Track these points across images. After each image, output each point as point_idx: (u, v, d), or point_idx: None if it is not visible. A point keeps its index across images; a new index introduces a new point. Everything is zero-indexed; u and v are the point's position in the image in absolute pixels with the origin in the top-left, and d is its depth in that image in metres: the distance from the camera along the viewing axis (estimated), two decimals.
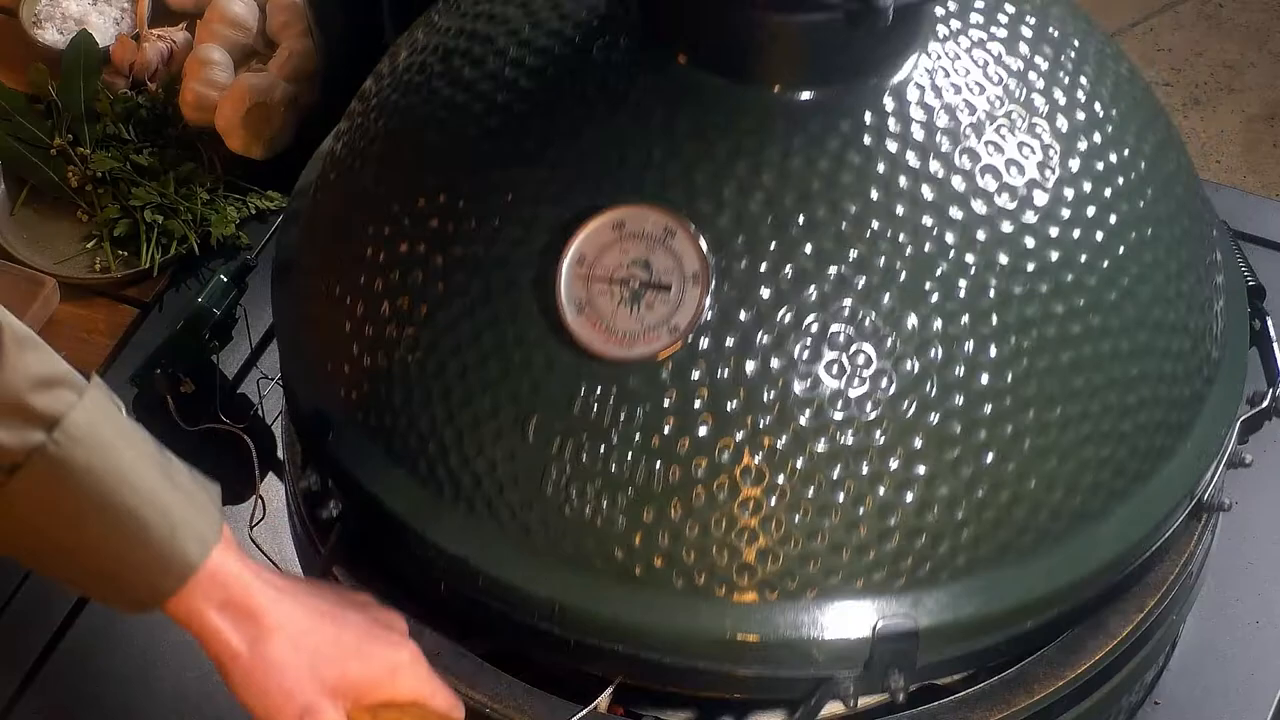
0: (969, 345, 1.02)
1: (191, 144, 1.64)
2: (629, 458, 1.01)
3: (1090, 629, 1.15)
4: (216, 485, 0.98)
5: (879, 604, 1.02)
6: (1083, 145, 1.07)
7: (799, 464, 1.01)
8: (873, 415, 1.01)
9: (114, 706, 1.33)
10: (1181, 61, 2.88)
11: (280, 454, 1.33)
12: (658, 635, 1.03)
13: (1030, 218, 1.04)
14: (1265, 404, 1.21)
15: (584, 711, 1.11)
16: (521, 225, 1.05)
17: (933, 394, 1.01)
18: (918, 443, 1.01)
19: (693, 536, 1.02)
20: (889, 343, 1.01)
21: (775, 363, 1.00)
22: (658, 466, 1.01)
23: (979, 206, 1.03)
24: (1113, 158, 1.08)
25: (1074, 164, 1.07)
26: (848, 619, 1.02)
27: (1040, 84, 1.08)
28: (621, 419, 1.01)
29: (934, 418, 1.01)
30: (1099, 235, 1.06)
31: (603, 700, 1.11)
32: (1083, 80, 1.10)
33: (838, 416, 1.01)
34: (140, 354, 1.47)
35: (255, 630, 0.96)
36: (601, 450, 1.02)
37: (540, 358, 1.03)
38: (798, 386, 1.00)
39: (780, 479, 1.01)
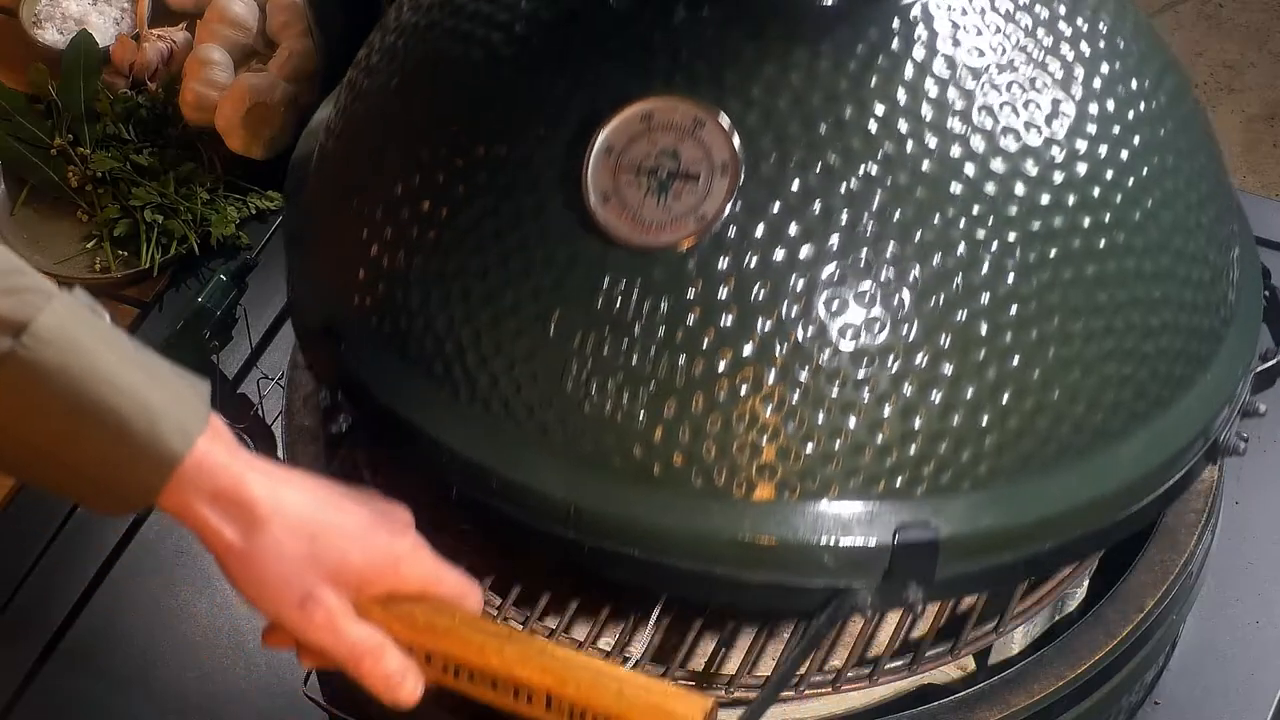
0: (995, 247, 1.01)
1: (191, 144, 1.64)
2: (652, 351, 1.00)
3: (1090, 629, 1.16)
4: (206, 382, 0.96)
5: (899, 510, 1.01)
6: (1106, 70, 1.08)
7: (824, 359, 1.00)
8: (900, 312, 1.00)
9: (114, 706, 1.33)
10: (1181, 61, 2.88)
11: (280, 454, 1.33)
12: (675, 537, 1.01)
13: (1057, 131, 1.04)
14: (1275, 361, 1.20)
15: None
16: (547, 122, 1.04)
17: (959, 293, 1.00)
18: (944, 340, 1.00)
19: (714, 432, 1.00)
20: (917, 238, 1.00)
21: (804, 253, 0.99)
22: (681, 360, 1.00)
23: (1006, 116, 1.03)
24: (1134, 85, 1.09)
25: (1098, 84, 1.07)
26: (868, 524, 1.01)
27: (1064, 10, 1.09)
28: (645, 311, 1.00)
29: (960, 316, 1.00)
30: (1123, 154, 1.06)
31: None
32: (1104, 15, 1.11)
33: (865, 312, 1.00)
34: None
35: (249, 520, 0.93)
36: (624, 344, 1.01)
37: (564, 251, 1.02)
38: (825, 280, 1.00)
39: (804, 374, 1.00)
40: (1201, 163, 1.13)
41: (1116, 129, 1.06)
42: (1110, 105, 1.07)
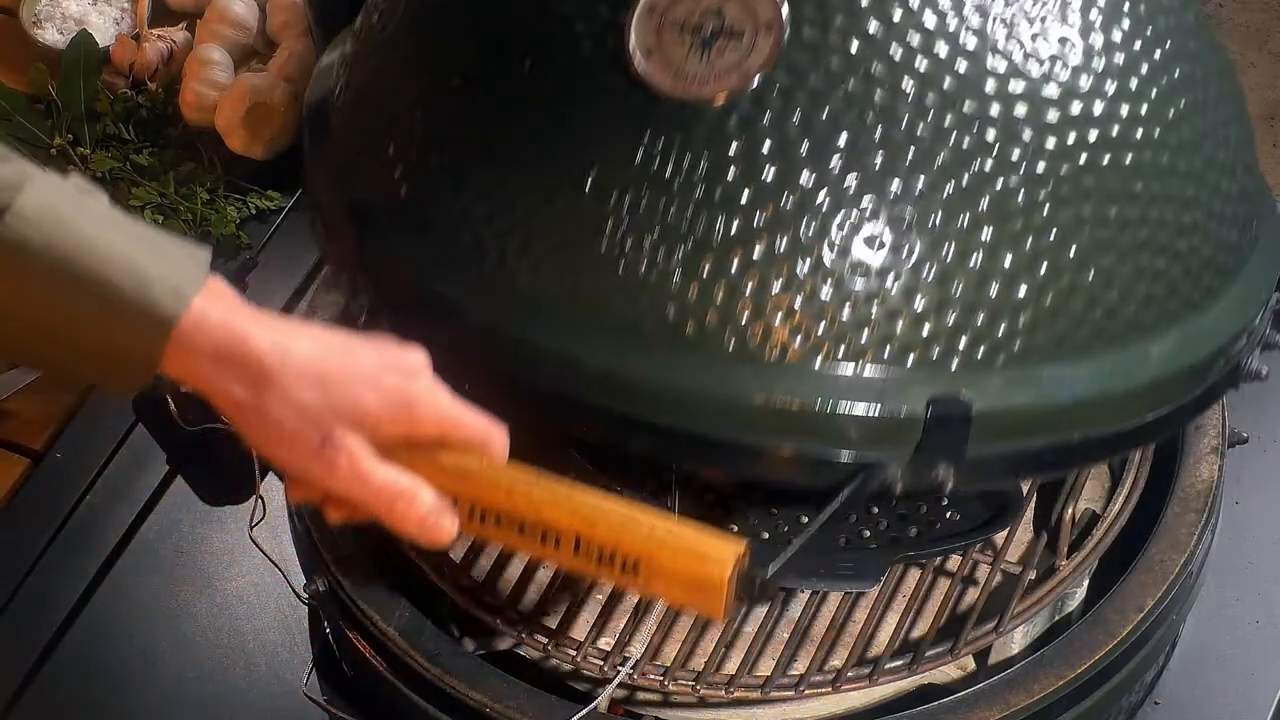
0: (1034, 125, 1.01)
1: (191, 144, 1.64)
2: (690, 208, 1.00)
3: (1090, 629, 1.16)
4: (207, 248, 0.94)
5: (933, 381, 1.00)
6: None
7: (863, 220, 0.99)
8: (941, 176, 0.99)
9: (114, 706, 1.33)
10: None
11: None
12: (706, 401, 1.00)
13: (1095, 20, 1.04)
14: None
15: (584, 711, 1.11)
16: None
17: (999, 164, 1.00)
18: (983, 205, 1.00)
19: (749, 291, 0.99)
20: (960, 108, 1.00)
21: (846, 114, 0.99)
22: (719, 217, 0.99)
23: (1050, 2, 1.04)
24: (1164, 1, 1.10)
25: None
26: (900, 393, 1.00)
27: None
28: (685, 167, 1.00)
29: (999, 185, 1.00)
30: (1158, 54, 1.06)
31: (603, 700, 1.12)
32: None
33: (906, 174, 0.99)
34: None
35: (256, 374, 0.91)
36: (662, 201, 1.00)
37: (604, 107, 1.01)
38: (866, 143, 0.99)
39: (842, 235, 0.99)
40: (1229, 86, 1.14)
41: (1150, 30, 1.06)
42: (1143, 9, 1.07)
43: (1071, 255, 1.02)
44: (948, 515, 1.19)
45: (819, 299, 0.99)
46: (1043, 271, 1.01)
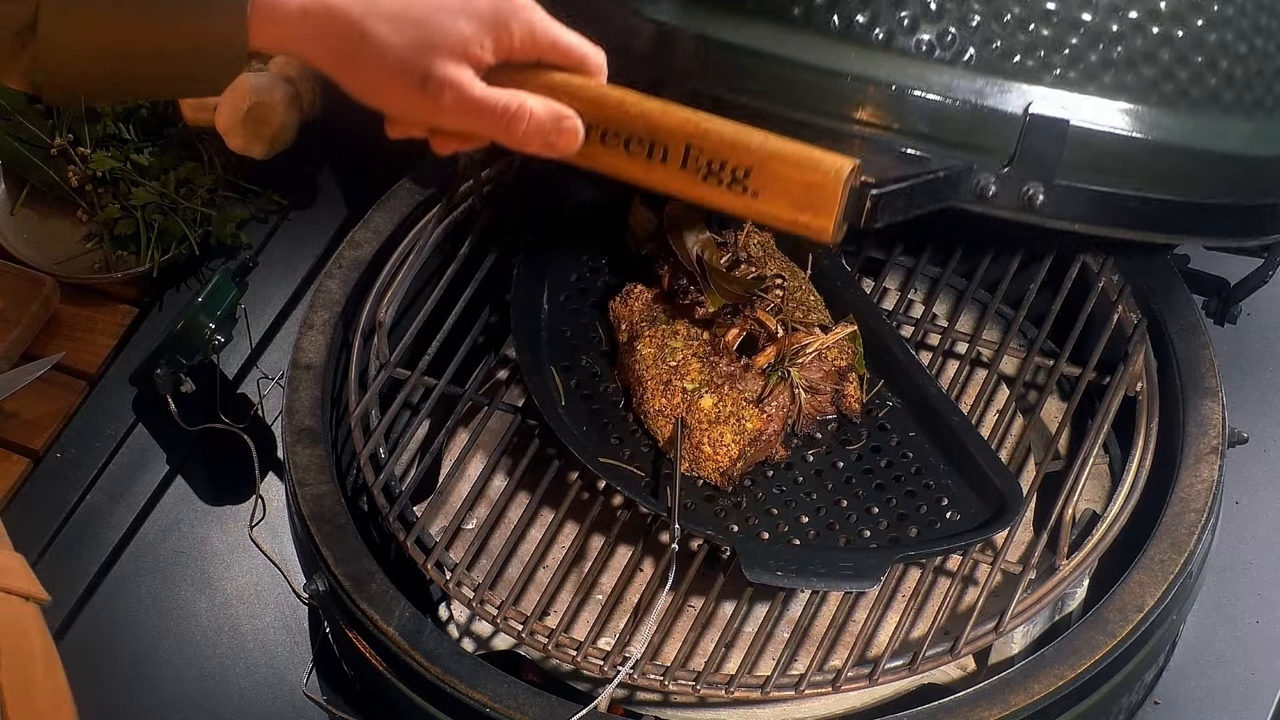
0: None
1: (191, 144, 1.63)
2: None
3: (1090, 629, 1.16)
4: None
5: (1032, 91, 1.03)
6: None
7: None
8: None
9: (114, 706, 1.33)
10: None
11: (280, 454, 1.33)
12: (806, 80, 1.00)
13: None
14: None
15: (584, 711, 1.11)
16: None
17: None
18: None
19: None
20: None
21: None
22: None
23: None
24: None
25: None
26: (1001, 95, 1.02)
27: None
28: None
29: None
30: None
31: (603, 700, 1.12)
32: None
33: None
34: (140, 354, 1.47)
35: (346, 27, 0.91)
36: None
37: None
38: None
39: None
40: None
41: None
42: None
43: (1164, 8, 1.05)
44: (948, 515, 1.19)
45: None
46: (1135, 14, 1.05)
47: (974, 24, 1.01)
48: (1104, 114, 1.07)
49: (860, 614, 1.19)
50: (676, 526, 1.14)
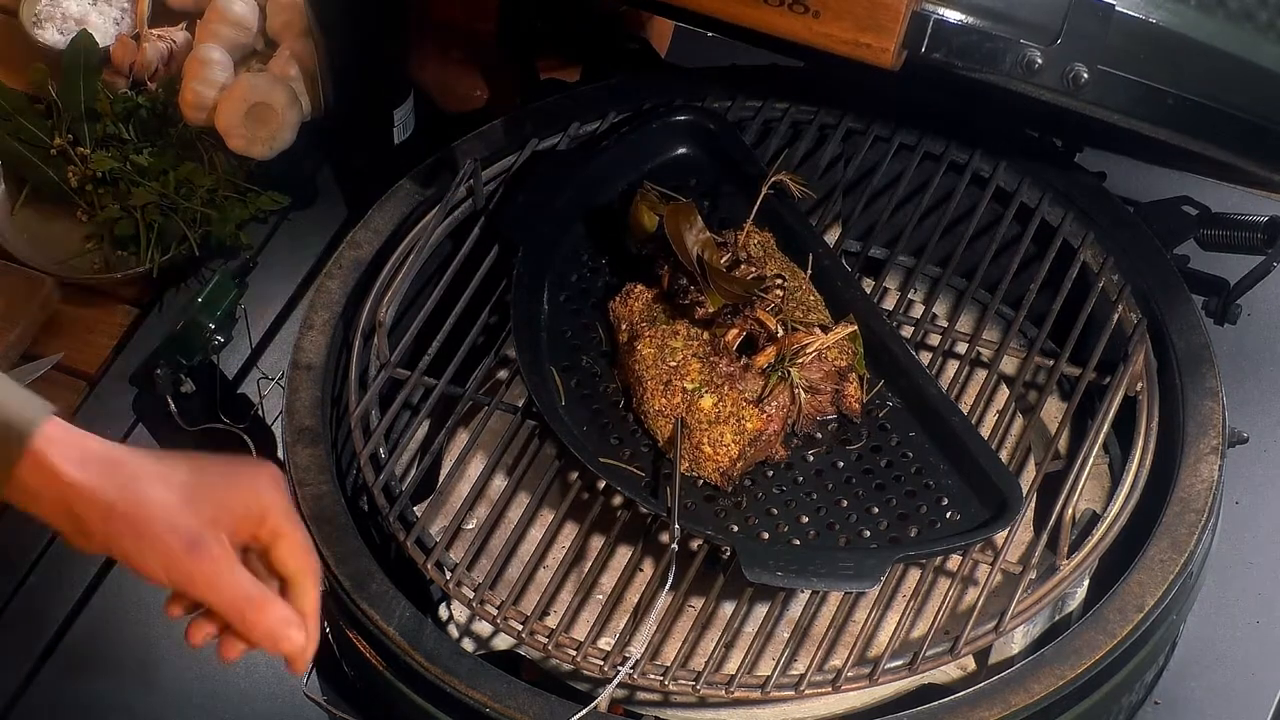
0: None
1: (191, 144, 1.63)
2: None
3: (1090, 629, 1.16)
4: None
5: None
6: None
7: None
8: None
9: (114, 706, 1.33)
10: None
11: (280, 454, 1.33)
12: None
13: None
14: None
15: (584, 711, 1.11)
16: None
17: None
18: None
19: None
20: None
21: None
22: None
23: None
24: None
25: None
26: None
27: None
28: None
29: None
30: None
31: (603, 700, 1.12)
32: None
33: None
34: (140, 354, 1.47)
35: (122, 476, 0.93)
36: None
37: None
38: None
39: None
40: None
41: None
42: None
43: None
44: (948, 515, 1.19)
45: None
46: None
47: None
48: (1147, 3, 1.12)
49: (860, 614, 1.19)
50: (676, 526, 1.14)
